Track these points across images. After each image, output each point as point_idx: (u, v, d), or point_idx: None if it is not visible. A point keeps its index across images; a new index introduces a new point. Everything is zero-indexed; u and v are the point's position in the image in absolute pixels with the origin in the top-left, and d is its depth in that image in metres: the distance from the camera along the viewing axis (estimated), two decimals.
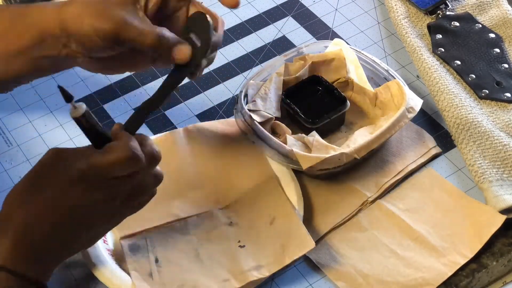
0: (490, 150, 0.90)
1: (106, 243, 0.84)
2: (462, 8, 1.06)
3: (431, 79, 0.97)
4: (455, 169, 0.91)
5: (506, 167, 0.89)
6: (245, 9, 1.12)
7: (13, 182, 0.92)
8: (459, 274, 0.82)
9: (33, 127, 0.99)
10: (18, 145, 0.97)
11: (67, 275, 0.84)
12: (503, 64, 1.00)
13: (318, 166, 0.86)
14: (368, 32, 1.07)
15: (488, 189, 0.87)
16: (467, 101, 0.95)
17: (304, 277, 0.83)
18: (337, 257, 0.84)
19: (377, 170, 0.90)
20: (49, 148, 0.72)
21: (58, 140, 0.97)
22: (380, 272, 0.82)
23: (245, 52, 1.06)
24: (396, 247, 0.84)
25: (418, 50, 1.01)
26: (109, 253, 0.83)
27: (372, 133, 0.89)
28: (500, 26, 1.04)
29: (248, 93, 0.93)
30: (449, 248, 0.83)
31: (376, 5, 1.11)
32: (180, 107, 1.00)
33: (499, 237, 0.85)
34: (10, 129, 0.99)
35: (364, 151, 0.87)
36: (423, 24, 1.05)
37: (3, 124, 0.99)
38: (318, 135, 0.89)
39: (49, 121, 0.99)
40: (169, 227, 0.85)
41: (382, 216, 0.87)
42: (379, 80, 0.96)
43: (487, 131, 0.91)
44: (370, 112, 0.95)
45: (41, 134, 0.98)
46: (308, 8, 1.11)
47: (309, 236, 0.82)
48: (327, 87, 0.94)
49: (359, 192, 0.88)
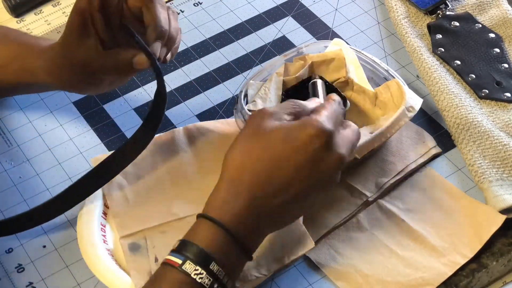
0: (490, 150, 0.90)
1: (106, 243, 0.84)
2: (462, 8, 1.06)
3: (431, 79, 0.97)
4: (455, 169, 0.91)
5: (506, 167, 0.89)
6: (245, 9, 1.12)
7: (13, 182, 0.92)
8: (459, 274, 0.82)
9: (33, 127, 0.98)
10: (18, 145, 0.97)
11: (68, 275, 0.84)
12: (503, 64, 1.00)
13: None
14: (368, 32, 1.07)
15: (488, 189, 0.87)
16: (467, 101, 0.95)
17: (304, 277, 0.83)
18: (337, 257, 0.84)
19: (377, 170, 0.90)
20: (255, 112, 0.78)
21: (58, 140, 0.97)
22: (380, 272, 0.82)
23: (245, 52, 1.06)
24: (396, 247, 0.84)
25: (418, 50, 1.01)
26: (109, 253, 0.83)
27: (372, 132, 0.89)
28: (500, 26, 1.04)
29: (248, 93, 0.93)
30: (449, 248, 0.83)
31: (376, 5, 1.11)
32: (180, 107, 1.00)
33: (499, 237, 0.85)
34: (10, 129, 0.99)
35: (364, 150, 0.87)
36: (423, 24, 1.05)
37: (3, 124, 0.99)
38: None
39: (49, 121, 0.99)
40: (168, 227, 0.85)
41: (382, 216, 0.87)
42: (379, 80, 0.96)
43: (487, 131, 0.91)
44: (370, 112, 0.95)
45: (41, 134, 0.98)
46: (308, 8, 1.11)
47: (309, 236, 0.82)
48: (327, 87, 0.94)
49: (359, 192, 0.88)
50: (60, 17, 1.12)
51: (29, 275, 0.84)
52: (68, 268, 0.84)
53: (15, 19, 1.13)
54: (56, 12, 1.13)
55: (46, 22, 1.12)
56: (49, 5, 1.14)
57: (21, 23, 1.12)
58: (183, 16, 1.11)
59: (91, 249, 0.82)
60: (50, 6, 1.14)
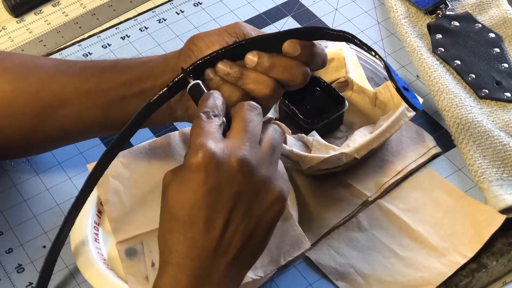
0: (490, 150, 0.90)
1: (101, 253, 0.83)
2: (462, 8, 1.06)
3: (431, 79, 0.97)
4: (455, 169, 0.91)
5: (506, 167, 0.89)
6: (245, 9, 1.12)
7: (13, 183, 0.92)
8: (459, 274, 0.82)
9: None
10: None
11: (68, 275, 0.84)
12: (503, 63, 1.00)
13: (318, 166, 0.86)
14: (368, 32, 1.07)
15: (488, 189, 0.87)
16: (467, 101, 0.95)
17: (304, 277, 0.83)
18: (337, 257, 0.84)
19: (377, 170, 0.90)
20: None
21: None
22: (380, 272, 0.82)
23: None
24: (396, 247, 0.84)
25: (418, 50, 1.01)
26: (104, 263, 0.82)
27: (372, 132, 0.89)
28: (500, 26, 1.04)
29: None
30: (449, 248, 0.83)
31: (376, 5, 1.11)
32: None
33: (499, 237, 0.85)
34: None
35: (364, 150, 0.87)
36: (423, 24, 1.05)
37: None
38: (318, 135, 0.89)
39: None
40: None
41: (382, 216, 0.87)
42: (379, 80, 0.96)
43: (487, 131, 0.91)
44: (370, 112, 0.95)
45: None
46: (308, 8, 1.11)
47: (305, 237, 0.81)
48: (325, 87, 0.94)
49: (359, 192, 0.88)
50: (60, 17, 1.12)
51: (29, 275, 0.84)
52: (68, 268, 0.84)
53: (15, 19, 1.13)
54: (56, 12, 1.13)
55: (46, 22, 1.12)
56: (49, 5, 1.14)
57: (21, 23, 1.12)
58: (183, 16, 1.11)
59: (84, 259, 0.81)
60: (50, 6, 1.14)
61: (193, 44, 0.79)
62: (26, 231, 0.88)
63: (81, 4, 1.14)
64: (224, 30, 0.79)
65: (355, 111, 0.95)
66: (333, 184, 0.89)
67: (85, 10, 1.13)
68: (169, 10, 1.12)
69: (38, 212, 0.89)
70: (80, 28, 1.11)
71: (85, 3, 1.14)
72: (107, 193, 0.86)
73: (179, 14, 1.12)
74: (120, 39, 1.09)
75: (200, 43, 0.78)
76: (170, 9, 1.13)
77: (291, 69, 0.76)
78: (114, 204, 0.86)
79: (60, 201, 0.90)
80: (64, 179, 0.92)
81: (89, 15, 1.12)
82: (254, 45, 0.76)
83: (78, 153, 0.95)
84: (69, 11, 1.13)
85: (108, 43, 1.08)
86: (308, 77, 0.77)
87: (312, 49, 0.76)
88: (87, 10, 1.13)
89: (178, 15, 1.12)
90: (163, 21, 1.11)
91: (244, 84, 0.76)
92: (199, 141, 0.64)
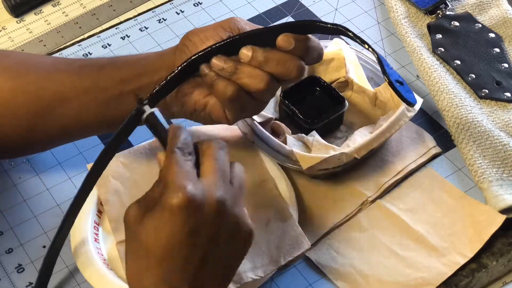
0: (490, 150, 0.90)
1: (101, 253, 0.83)
2: (462, 8, 1.06)
3: (431, 79, 0.97)
4: (455, 169, 0.91)
5: (506, 167, 0.89)
6: (245, 9, 1.12)
7: (13, 183, 0.92)
8: (459, 274, 0.82)
9: None
10: None
11: (68, 275, 0.84)
12: (503, 63, 1.00)
13: (318, 166, 0.86)
14: (368, 32, 1.07)
15: (488, 189, 0.87)
16: (467, 101, 0.95)
17: (304, 277, 0.83)
18: (337, 257, 0.84)
19: (377, 170, 0.90)
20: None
21: None
22: (380, 272, 0.82)
23: None
24: (396, 247, 0.84)
25: (418, 50, 1.01)
26: (104, 263, 0.82)
27: (372, 132, 0.89)
28: (500, 26, 1.04)
29: None
30: (449, 248, 0.83)
31: (376, 5, 1.11)
32: None
33: (499, 237, 0.85)
34: None
35: (364, 150, 0.87)
36: (423, 24, 1.05)
37: None
38: (318, 135, 0.89)
39: None
40: None
41: (382, 216, 0.87)
42: (379, 80, 0.96)
43: (487, 131, 0.91)
44: (370, 112, 0.95)
45: None
46: (308, 8, 1.11)
47: (305, 237, 0.82)
48: (325, 87, 0.94)
49: (359, 192, 0.88)
50: (60, 17, 1.12)
51: (29, 275, 0.84)
52: (68, 268, 0.84)
53: (15, 19, 1.13)
54: (56, 12, 1.13)
55: (46, 22, 1.12)
56: (49, 5, 1.14)
57: (21, 23, 1.12)
58: (183, 16, 1.11)
59: (84, 259, 0.81)
60: (50, 6, 1.14)
61: (188, 40, 0.79)
62: (26, 231, 0.88)
63: (81, 4, 1.14)
64: (219, 25, 0.79)
65: (355, 111, 0.95)
66: (333, 184, 0.89)
67: (85, 10, 1.13)
68: (169, 10, 1.13)
69: (38, 212, 0.89)
70: (80, 28, 1.11)
71: (85, 3, 1.14)
72: (107, 193, 0.86)
73: (179, 14, 1.12)
74: (120, 39, 1.09)
75: (194, 38, 0.79)
76: (170, 9, 1.13)
77: (285, 63, 0.76)
78: (114, 204, 0.86)
79: (60, 201, 0.90)
80: (64, 179, 0.92)
81: (89, 15, 1.13)
82: (249, 40, 0.77)
83: (78, 153, 0.95)
84: (69, 11, 1.13)
85: (108, 43, 1.08)
86: (303, 70, 0.77)
87: (306, 42, 0.77)
88: (87, 10, 1.13)
89: (178, 15, 1.12)
90: (163, 21, 1.11)
91: (238, 78, 0.76)
92: (178, 182, 0.63)
